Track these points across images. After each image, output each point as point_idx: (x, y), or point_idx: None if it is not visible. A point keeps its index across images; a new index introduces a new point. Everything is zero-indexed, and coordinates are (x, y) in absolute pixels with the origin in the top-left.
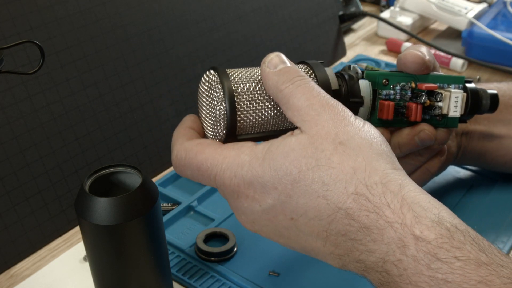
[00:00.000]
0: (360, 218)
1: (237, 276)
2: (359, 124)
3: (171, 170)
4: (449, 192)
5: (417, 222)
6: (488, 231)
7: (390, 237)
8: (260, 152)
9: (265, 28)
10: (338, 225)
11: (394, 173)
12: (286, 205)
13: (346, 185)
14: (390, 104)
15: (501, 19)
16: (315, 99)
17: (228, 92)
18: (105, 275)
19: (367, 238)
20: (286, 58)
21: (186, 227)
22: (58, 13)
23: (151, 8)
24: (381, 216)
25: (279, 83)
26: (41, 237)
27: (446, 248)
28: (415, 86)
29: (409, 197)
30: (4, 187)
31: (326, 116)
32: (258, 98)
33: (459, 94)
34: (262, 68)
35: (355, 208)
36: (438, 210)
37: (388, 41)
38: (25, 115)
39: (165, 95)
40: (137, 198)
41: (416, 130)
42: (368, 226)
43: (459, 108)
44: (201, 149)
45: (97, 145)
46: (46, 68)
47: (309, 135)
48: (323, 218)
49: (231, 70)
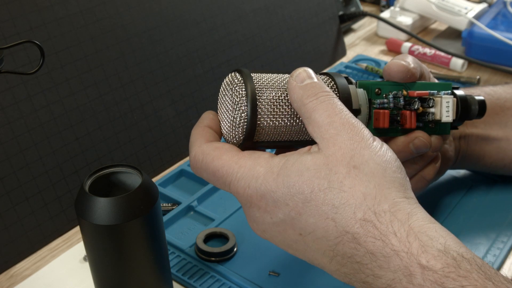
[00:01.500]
0: (366, 244)
1: (237, 276)
2: (377, 146)
3: (171, 170)
4: (449, 192)
5: (423, 252)
6: (488, 231)
7: (397, 265)
8: (276, 166)
9: (265, 28)
10: (345, 248)
11: (404, 202)
12: (296, 222)
13: (355, 210)
14: (386, 112)
15: (501, 19)
16: (336, 117)
17: (251, 96)
18: (105, 275)
19: (373, 264)
20: (314, 73)
21: (186, 227)
22: (58, 13)
23: (151, 8)
24: (387, 244)
25: (304, 97)
26: (41, 237)
27: (453, 277)
28: (407, 93)
29: (416, 226)
30: (4, 187)
31: (345, 136)
32: (281, 106)
33: (450, 99)
34: (289, 81)
35: (362, 234)
36: (445, 239)
37: (388, 41)
38: (25, 115)
39: (165, 95)
40: (137, 198)
41: (411, 138)
42: (374, 253)
43: (451, 113)
44: (219, 154)
45: (97, 145)
46: (46, 68)
47: (325, 155)
48: (330, 239)
49: (256, 74)
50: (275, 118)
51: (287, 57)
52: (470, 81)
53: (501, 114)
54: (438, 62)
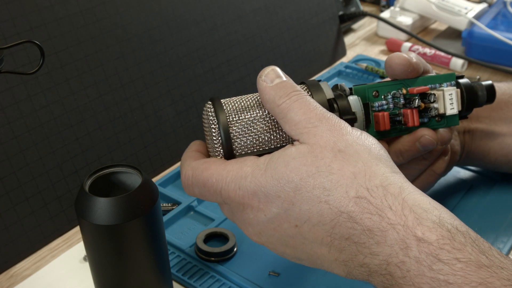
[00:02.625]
0: (363, 220)
1: (237, 276)
2: (356, 133)
3: (171, 170)
4: (449, 192)
5: (418, 224)
6: (488, 231)
7: (393, 239)
8: (262, 163)
9: (265, 28)
10: (342, 229)
11: (394, 176)
12: (290, 213)
13: (347, 189)
14: (385, 114)
15: (501, 19)
16: (312, 113)
17: (222, 124)
18: (105, 275)
19: (370, 241)
20: (282, 72)
21: (186, 227)
22: (58, 13)
23: (151, 8)
24: (384, 218)
25: (276, 98)
26: (41, 237)
27: (448, 250)
28: (406, 92)
29: (409, 199)
30: (4, 187)
31: (323, 128)
32: (253, 124)
33: (453, 91)
34: (258, 82)
35: (358, 211)
36: (439, 212)
37: (388, 41)
38: (25, 115)
39: (165, 95)
40: (137, 198)
41: (416, 136)
42: (371, 229)
43: (455, 104)
44: (207, 166)
45: (97, 145)
46: (46, 68)
47: (308, 144)
48: (326, 223)
49: (225, 100)
50: (250, 135)
51: (287, 57)
52: None
53: (505, 109)
54: (438, 62)
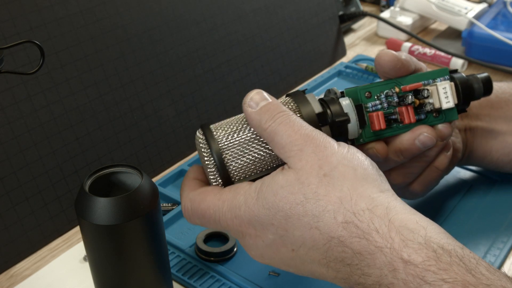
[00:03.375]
0: (353, 244)
1: (237, 276)
2: (343, 151)
3: (171, 170)
4: (449, 192)
5: (404, 246)
6: (488, 231)
7: (382, 262)
8: (254, 192)
9: (265, 28)
10: (334, 253)
11: (381, 196)
12: (285, 239)
13: (335, 215)
14: (379, 114)
15: (501, 19)
16: (296, 135)
17: (215, 151)
18: (105, 275)
19: (362, 263)
20: (267, 94)
21: (186, 227)
22: (58, 13)
23: (151, 8)
24: (371, 241)
25: (262, 122)
26: (41, 237)
27: (433, 271)
28: (399, 90)
29: (396, 220)
30: (4, 187)
31: (309, 150)
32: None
33: (446, 85)
34: (244, 107)
35: (347, 236)
36: (425, 231)
37: (388, 41)
38: (25, 115)
39: (165, 95)
40: (137, 198)
41: (415, 134)
42: (361, 252)
43: (450, 98)
44: (203, 197)
45: (97, 145)
46: (46, 68)
47: (294, 170)
48: (319, 247)
49: (215, 126)
50: (244, 156)
51: (287, 57)
52: None
53: (505, 108)
54: (438, 62)
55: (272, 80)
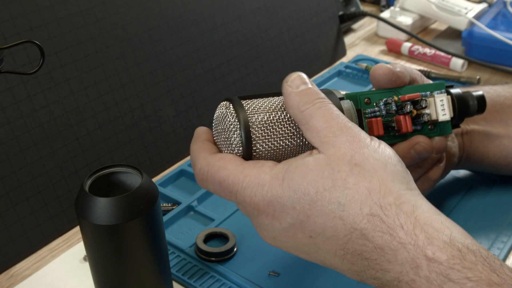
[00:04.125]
0: (375, 238)
1: (237, 276)
2: (375, 145)
3: (171, 170)
4: (449, 192)
5: (429, 244)
6: (488, 231)
7: (404, 258)
8: (280, 172)
9: (265, 28)
10: (354, 245)
11: (408, 193)
12: (305, 224)
13: (361, 206)
14: (378, 120)
15: (501, 19)
16: (333, 122)
17: (244, 122)
18: (105, 275)
19: (381, 258)
20: (308, 79)
21: (186, 227)
22: (58, 13)
23: (151, 8)
24: (395, 237)
25: (300, 103)
26: (41, 237)
27: (458, 269)
28: (398, 99)
29: (422, 218)
30: (4, 187)
31: (343, 138)
32: (274, 127)
33: (443, 97)
34: (284, 87)
35: (370, 229)
36: (450, 231)
37: (388, 41)
38: (25, 115)
39: (165, 95)
40: (137, 198)
41: (411, 143)
42: (382, 247)
43: (447, 110)
44: (223, 164)
45: (97, 145)
46: (46, 68)
47: (326, 155)
48: (340, 238)
49: (246, 101)
50: (271, 140)
51: (287, 57)
52: (470, 81)
53: (501, 111)
54: (438, 62)
55: (272, 80)
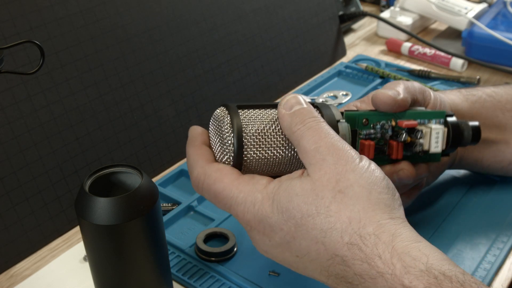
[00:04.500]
0: (354, 266)
1: (237, 276)
2: (363, 167)
3: (171, 170)
4: (449, 192)
5: (406, 272)
6: (488, 231)
7: (382, 286)
8: (271, 192)
9: (265, 28)
10: (336, 269)
11: (389, 223)
12: (291, 245)
13: (342, 234)
14: (371, 144)
15: (501, 19)
16: (322, 141)
17: (237, 130)
18: (105, 275)
19: (362, 285)
20: (303, 99)
21: (186, 227)
22: (58, 13)
23: (151, 8)
24: (373, 266)
25: (292, 124)
26: (41, 237)
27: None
28: (396, 123)
29: (400, 247)
30: (4, 187)
31: (331, 161)
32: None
33: (440, 130)
34: (278, 109)
35: (350, 257)
36: (427, 258)
37: (388, 41)
38: (25, 115)
39: (165, 95)
40: (137, 198)
41: (396, 169)
42: (362, 275)
43: (440, 143)
44: (220, 177)
45: (97, 145)
46: (46, 68)
47: (312, 180)
48: (323, 261)
49: (242, 110)
50: (261, 151)
51: (287, 57)
52: (470, 81)
53: (501, 116)
54: (438, 62)
55: (272, 80)
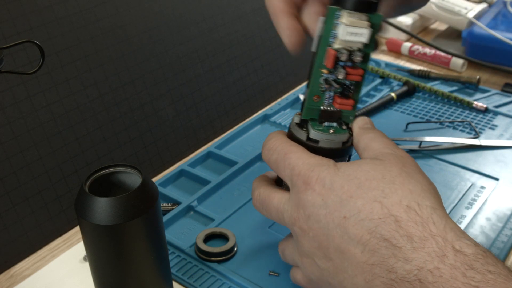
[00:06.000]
0: (407, 226)
1: (237, 276)
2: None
3: (171, 170)
4: (449, 192)
5: (457, 239)
6: (488, 231)
7: (431, 248)
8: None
9: (265, 28)
10: (384, 229)
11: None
12: (345, 204)
13: (401, 199)
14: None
15: (501, 19)
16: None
17: None
18: (105, 275)
19: (407, 246)
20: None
21: (186, 227)
22: (58, 13)
23: (151, 8)
24: (426, 229)
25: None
26: (41, 237)
27: (481, 263)
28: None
29: (451, 223)
30: (4, 187)
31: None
32: None
33: (346, 24)
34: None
35: (405, 218)
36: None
37: (388, 41)
38: (25, 115)
39: (165, 95)
40: (137, 198)
41: None
42: (412, 236)
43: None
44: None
45: (97, 145)
46: (46, 68)
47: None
48: (373, 219)
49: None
50: None
51: (287, 57)
52: (470, 81)
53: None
54: (438, 62)
55: (272, 80)
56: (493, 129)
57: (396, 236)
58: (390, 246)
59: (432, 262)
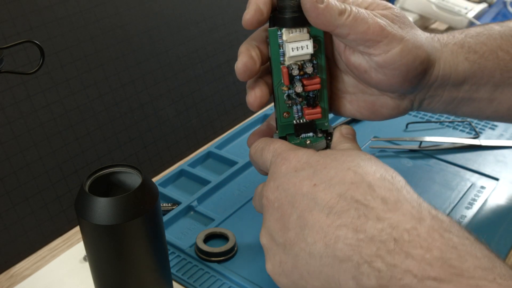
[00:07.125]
0: (381, 190)
1: (237, 276)
2: None
3: (171, 170)
4: (449, 192)
5: (432, 208)
6: (488, 231)
7: (407, 210)
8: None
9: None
10: (356, 192)
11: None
12: (317, 173)
13: (375, 170)
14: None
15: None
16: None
17: None
18: (105, 275)
19: (381, 207)
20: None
21: (186, 227)
22: (58, 13)
23: (151, 8)
24: (401, 194)
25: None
26: (41, 237)
27: (457, 229)
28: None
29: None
30: (4, 187)
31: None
32: None
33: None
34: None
35: (379, 184)
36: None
37: None
38: (25, 115)
39: (165, 95)
40: (137, 198)
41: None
42: (386, 198)
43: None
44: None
45: (97, 145)
46: (46, 68)
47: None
48: (344, 183)
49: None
50: None
51: None
52: None
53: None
54: None
55: None
56: (493, 129)
57: (368, 198)
58: (361, 206)
59: (409, 222)
